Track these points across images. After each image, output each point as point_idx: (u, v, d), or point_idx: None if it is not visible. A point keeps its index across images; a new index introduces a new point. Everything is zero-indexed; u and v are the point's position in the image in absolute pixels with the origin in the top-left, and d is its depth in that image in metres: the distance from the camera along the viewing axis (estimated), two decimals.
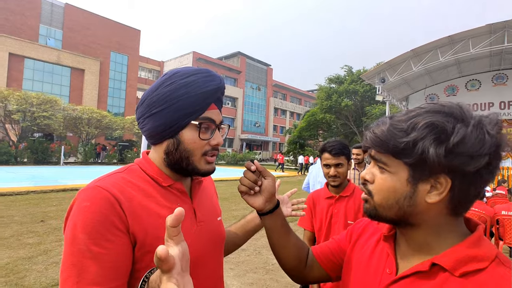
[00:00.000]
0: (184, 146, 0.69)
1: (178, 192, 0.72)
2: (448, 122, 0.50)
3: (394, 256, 0.61)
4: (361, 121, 26.10)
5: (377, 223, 0.69)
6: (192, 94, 0.68)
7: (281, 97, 54.78)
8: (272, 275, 3.71)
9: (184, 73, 0.69)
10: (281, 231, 0.77)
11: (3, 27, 26.61)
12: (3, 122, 19.15)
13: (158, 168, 0.72)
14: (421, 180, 0.53)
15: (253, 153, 37.09)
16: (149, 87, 0.72)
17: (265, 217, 0.76)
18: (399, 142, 0.52)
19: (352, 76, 26.71)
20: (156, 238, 0.63)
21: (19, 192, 8.40)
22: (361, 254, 0.69)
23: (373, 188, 0.59)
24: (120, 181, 0.65)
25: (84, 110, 22.33)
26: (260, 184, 0.74)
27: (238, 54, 47.00)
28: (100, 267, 0.55)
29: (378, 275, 0.61)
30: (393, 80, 13.14)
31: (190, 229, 0.71)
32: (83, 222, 0.57)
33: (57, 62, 29.44)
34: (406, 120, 0.53)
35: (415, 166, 0.52)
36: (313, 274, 0.78)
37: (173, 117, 0.67)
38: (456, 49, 10.97)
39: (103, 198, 0.59)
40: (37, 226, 5.34)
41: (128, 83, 35.40)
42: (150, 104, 0.69)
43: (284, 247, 0.77)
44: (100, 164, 22.01)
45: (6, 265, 3.61)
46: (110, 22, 34.14)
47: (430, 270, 0.53)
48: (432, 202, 0.52)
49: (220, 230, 0.83)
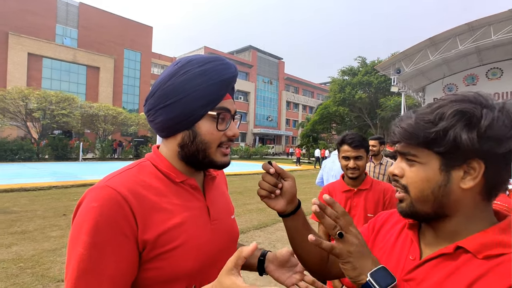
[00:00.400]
0: (201, 138, 0.66)
1: (191, 188, 0.69)
2: (476, 108, 0.52)
3: (418, 243, 0.62)
4: (375, 114, 25.56)
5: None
6: (210, 83, 0.64)
7: (293, 90, 54.31)
8: None
9: (199, 61, 0.65)
10: (303, 231, 0.76)
11: (22, 28, 27.43)
12: (24, 120, 19.88)
13: (169, 163, 0.69)
14: (454, 167, 0.54)
15: (266, 147, 37.08)
16: (160, 76, 0.66)
17: (287, 219, 0.75)
18: (429, 132, 0.54)
19: (366, 68, 26.08)
20: (168, 239, 0.61)
21: (42, 188, 8.75)
22: (384, 243, 0.69)
23: (406, 182, 0.59)
24: (131, 179, 0.62)
25: (100, 107, 22.89)
26: (280, 186, 0.72)
27: (250, 48, 46.76)
28: (100, 274, 0.53)
29: (401, 262, 0.61)
30: (409, 71, 12.78)
31: (204, 228, 0.69)
32: (88, 223, 0.54)
33: (74, 60, 30.20)
34: (431, 112, 0.55)
35: (446, 154, 0.54)
36: (336, 269, 0.77)
37: (190, 108, 0.63)
38: (476, 37, 10.52)
39: (111, 200, 0.56)
40: (60, 220, 5.56)
41: (141, 79, 35.94)
42: (163, 95, 0.64)
43: (306, 247, 0.76)
44: (117, 159, 22.57)
45: (32, 257, 3.79)
46: (122, 20, 34.61)
47: (454, 252, 0.55)
48: (467, 188, 0.54)
49: (234, 228, 0.80)
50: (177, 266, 0.61)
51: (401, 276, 0.59)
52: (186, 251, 0.62)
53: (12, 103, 18.71)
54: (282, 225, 5.71)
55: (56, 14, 29.96)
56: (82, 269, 0.53)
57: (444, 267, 0.55)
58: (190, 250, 0.63)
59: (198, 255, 0.65)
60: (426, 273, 0.56)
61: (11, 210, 6.15)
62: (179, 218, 0.64)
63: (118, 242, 0.55)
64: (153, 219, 0.60)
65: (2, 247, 4.06)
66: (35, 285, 3.06)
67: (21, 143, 17.98)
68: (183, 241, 0.62)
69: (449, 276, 0.53)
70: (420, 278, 0.57)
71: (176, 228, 0.62)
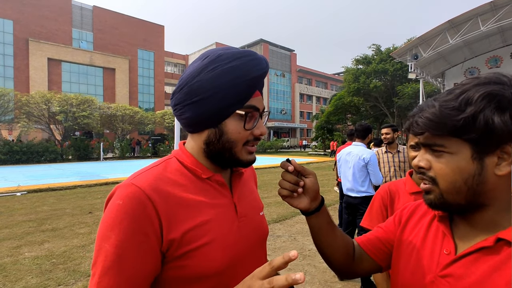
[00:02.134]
0: (228, 136, 0.63)
1: (217, 184, 0.67)
2: (504, 89, 0.49)
3: (452, 236, 0.58)
4: (392, 102, 24.87)
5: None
6: (238, 81, 0.61)
7: (306, 82, 53.66)
8: (310, 261, 3.75)
9: (229, 56, 0.62)
10: (327, 228, 0.74)
11: (40, 34, 28.43)
12: (48, 123, 20.74)
13: (195, 159, 0.67)
14: (487, 153, 0.51)
15: (281, 141, 36.98)
16: (188, 71, 0.64)
17: (311, 217, 0.72)
18: (457, 119, 0.50)
19: (381, 55, 25.32)
20: (194, 237, 0.60)
21: (68, 187, 9.14)
22: (413, 237, 0.66)
23: (435, 174, 0.55)
24: (156, 177, 0.61)
25: (117, 107, 23.53)
26: (302, 184, 0.68)
27: (261, 42, 46.45)
28: (120, 272, 0.54)
29: (435, 257, 0.59)
30: (427, 56, 12.32)
31: (232, 225, 0.66)
32: (114, 221, 0.55)
33: (90, 63, 31.09)
34: (455, 98, 0.52)
35: (477, 141, 0.51)
36: (362, 267, 0.75)
37: (217, 106, 0.61)
38: (500, 16, 9.98)
39: (135, 198, 0.56)
40: (86, 217, 5.80)
41: (155, 78, 36.55)
42: (190, 91, 0.62)
43: (332, 245, 0.74)
44: (136, 158, 23.18)
45: (64, 253, 3.98)
46: (134, 20, 35.18)
47: (495, 245, 0.51)
48: (503, 174, 0.51)
49: (263, 225, 0.77)
50: (203, 264, 0.60)
51: (437, 271, 0.57)
52: (213, 249, 0.61)
53: (36, 107, 19.55)
54: (301, 218, 5.73)
55: (71, 18, 30.84)
56: (107, 266, 0.54)
57: (486, 261, 0.51)
58: (217, 248, 0.62)
59: (225, 253, 0.63)
60: (465, 268, 0.53)
61: (41, 209, 6.47)
62: (205, 215, 0.62)
63: (138, 241, 0.55)
64: (178, 217, 0.59)
65: (35, 244, 4.30)
66: (67, 280, 3.22)
67: (46, 145, 18.78)
68: (210, 239, 0.61)
69: (494, 271, 0.50)
70: (458, 273, 0.54)
71: (203, 226, 0.61)
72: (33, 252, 4.02)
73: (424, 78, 13.88)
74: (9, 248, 4.13)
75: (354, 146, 3.36)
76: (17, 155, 17.37)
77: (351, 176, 3.26)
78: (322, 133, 30.20)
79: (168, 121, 25.49)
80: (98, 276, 0.54)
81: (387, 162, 3.55)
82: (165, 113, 26.44)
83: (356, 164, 3.21)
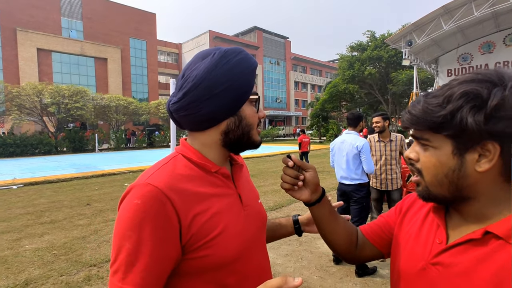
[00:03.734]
0: (246, 121, 0.71)
1: (223, 177, 0.72)
2: (483, 88, 0.50)
3: (445, 227, 0.61)
4: (387, 89, 24.92)
5: None
6: (247, 71, 0.70)
7: (301, 70, 53.30)
8: (306, 247, 3.87)
9: (232, 52, 0.70)
10: (330, 218, 0.79)
11: (28, 23, 27.62)
12: (40, 115, 20.44)
13: (202, 154, 0.72)
14: (467, 150, 0.52)
15: (277, 129, 37.01)
16: (202, 69, 0.68)
17: (313, 208, 0.78)
18: (436, 116, 0.53)
19: (376, 42, 25.15)
20: (209, 228, 0.64)
21: (64, 179, 9.15)
22: (410, 226, 0.69)
23: (421, 167, 0.58)
24: (169, 175, 0.65)
25: (111, 98, 23.20)
26: (302, 178, 0.75)
27: (255, 29, 45.75)
28: (143, 268, 0.57)
29: (428, 246, 0.61)
30: (421, 42, 12.32)
31: (239, 215, 0.72)
32: (133, 220, 0.58)
33: (81, 53, 30.41)
34: (440, 95, 0.54)
35: (457, 138, 0.52)
36: (365, 253, 0.80)
37: (236, 93, 0.68)
38: (493, 1, 9.97)
39: (154, 197, 0.59)
40: (84, 209, 5.85)
41: (148, 68, 35.97)
42: (210, 85, 0.66)
43: (334, 233, 0.79)
44: (131, 149, 23.11)
45: (64, 244, 4.05)
46: (125, 8, 34.28)
47: (482, 237, 0.53)
48: (483, 171, 0.52)
49: (262, 212, 0.84)
50: (220, 253, 0.65)
51: (428, 259, 0.59)
52: (227, 238, 0.66)
53: (27, 99, 19.21)
54: (297, 205, 5.84)
55: (60, 6, 29.92)
56: (130, 263, 0.57)
57: (473, 253, 0.53)
58: (230, 236, 0.67)
59: (237, 241, 0.68)
60: (454, 257, 0.55)
61: (38, 201, 6.50)
62: (216, 207, 0.67)
63: (159, 238, 0.59)
64: (194, 211, 0.64)
65: (36, 237, 4.35)
66: (70, 270, 3.30)
67: (40, 138, 18.59)
68: (222, 228, 0.66)
69: (480, 263, 0.52)
70: (447, 262, 0.56)
71: (215, 216, 0.66)
72: (33, 244, 4.08)
73: (418, 64, 13.92)
74: (9, 241, 4.18)
75: (347, 135, 3.41)
76: (10, 148, 17.19)
77: (345, 164, 3.34)
78: (317, 121, 30.28)
79: (162, 111, 25.27)
80: (122, 272, 0.57)
81: (379, 151, 3.61)
82: (160, 103, 26.15)
83: (349, 152, 3.27)
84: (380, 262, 3.41)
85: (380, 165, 3.58)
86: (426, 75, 19.96)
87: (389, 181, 3.55)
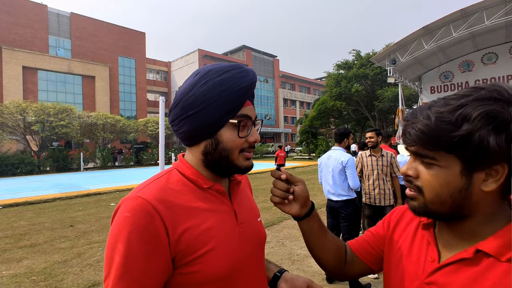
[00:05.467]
0: (223, 145, 0.67)
1: (217, 193, 0.70)
2: (504, 108, 0.48)
3: (435, 244, 0.59)
4: (373, 105, 25.57)
5: None
6: (228, 92, 0.65)
7: (289, 87, 54.29)
8: (298, 265, 3.76)
9: (218, 70, 0.67)
10: (318, 232, 0.77)
11: (15, 41, 27.39)
12: (23, 134, 19.87)
13: (196, 170, 0.70)
14: (477, 170, 0.50)
15: (266, 146, 37.10)
16: (182, 87, 0.68)
17: (302, 222, 0.76)
18: (452, 136, 0.49)
19: (361, 60, 26.07)
20: (199, 244, 0.62)
21: (47, 200, 8.77)
22: (401, 243, 0.67)
23: (422, 184, 0.55)
24: (160, 189, 0.64)
25: (98, 116, 22.88)
26: (292, 191, 0.73)
27: (243, 48, 46.73)
28: (132, 282, 0.56)
29: (420, 264, 0.60)
30: (404, 61, 12.79)
31: (233, 232, 0.69)
32: (123, 233, 0.57)
33: (69, 71, 30.17)
34: (452, 111, 0.50)
35: (469, 158, 0.50)
36: (354, 270, 0.78)
37: (211, 117, 0.65)
38: (470, 22, 10.54)
39: (142, 210, 0.58)
40: (67, 231, 5.57)
41: (137, 86, 35.91)
42: (185, 106, 0.66)
43: (323, 248, 0.77)
44: (118, 167, 22.57)
45: (44, 269, 3.81)
46: (115, 27, 34.55)
47: (474, 256, 0.52)
48: (489, 190, 0.51)
49: (261, 230, 0.81)
50: (208, 270, 0.62)
51: (422, 278, 0.58)
52: (217, 255, 0.64)
53: (10, 117, 18.70)
54: (289, 223, 5.75)
55: (47, 25, 29.90)
56: (118, 276, 0.56)
57: (467, 272, 0.52)
58: (220, 254, 0.64)
59: (229, 259, 0.65)
60: (447, 277, 0.54)
61: (18, 224, 6.17)
62: (208, 223, 0.65)
63: (149, 251, 0.58)
64: (184, 226, 0.62)
65: (13, 262, 4.09)
66: None
67: (22, 157, 17.97)
68: (213, 245, 0.63)
69: (474, 282, 0.51)
70: (441, 282, 0.54)
71: (206, 233, 0.64)
72: (11, 270, 3.82)
73: (403, 82, 14.38)
74: None
75: (333, 151, 3.44)
76: None
77: (331, 180, 3.33)
78: (307, 137, 30.55)
79: (151, 128, 25.01)
80: (112, 285, 0.56)
81: (371, 165, 3.63)
82: (148, 120, 25.90)
83: (335, 168, 3.29)
84: (374, 279, 3.33)
85: (373, 179, 3.58)
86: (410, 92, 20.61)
87: (382, 196, 3.53)
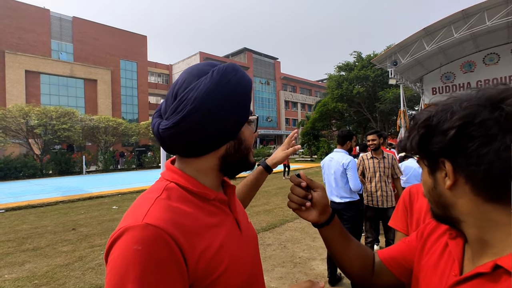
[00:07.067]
0: (245, 144, 0.66)
1: (220, 203, 0.66)
2: (421, 113, 0.56)
3: (461, 257, 0.58)
4: (374, 107, 25.51)
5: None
6: (246, 90, 0.64)
7: (290, 89, 54.34)
8: (301, 268, 3.74)
9: (231, 70, 0.63)
10: (340, 240, 0.74)
11: (18, 46, 27.59)
12: (26, 138, 19.95)
13: (197, 181, 0.64)
14: (435, 169, 0.55)
15: (268, 148, 37.06)
16: (201, 90, 0.60)
17: (322, 229, 0.74)
18: (404, 141, 0.60)
19: (362, 62, 26.05)
20: (216, 265, 0.58)
21: (49, 203, 8.79)
22: (430, 255, 0.66)
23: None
24: (168, 210, 0.57)
25: (100, 119, 22.95)
26: (310, 197, 0.71)
27: (245, 50, 46.88)
28: None
29: (444, 277, 0.58)
30: (405, 62, 12.78)
31: (239, 241, 0.67)
32: (135, 270, 0.48)
33: (71, 75, 30.32)
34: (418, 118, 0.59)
35: (422, 158, 0.57)
36: (382, 281, 0.74)
37: (238, 115, 0.63)
38: (471, 23, 10.52)
39: (158, 241, 0.51)
40: (69, 234, 5.58)
41: (139, 89, 36.03)
42: (211, 108, 0.59)
43: (346, 256, 0.75)
44: (120, 170, 22.61)
45: (46, 273, 3.81)
46: (116, 31, 34.75)
47: (492, 272, 0.48)
48: (448, 187, 0.53)
49: (254, 230, 0.80)
50: (230, 286, 0.60)
51: None
52: (233, 272, 0.61)
53: (13, 121, 18.78)
54: (290, 225, 5.74)
55: (50, 29, 30.10)
56: None
57: (484, 287, 0.49)
58: (235, 270, 0.62)
59: (243, 269, 0.64)
60: None
61: (21, 227, 6.19)
62: (218, 240, 0.61)
63: (168, 284, 0.51)
64: (199, 250, 0.57)
65: (16, 265, 4.09)
66: None
67: (25, 160, 18.03)
68: (227, 263, 0.60)
69: None
70: None
71: (219, 252, 0.60)
72: (13, 273, 3.82)
73: (404, 83, 14.36)
74: None
75: (335, 153, 3.44)
76: None
77: (333, 182, 3.34)
78: (308, 139, 30.50)
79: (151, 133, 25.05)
80: None
81: (373, 167, 3.62)
82: (150, 123, 25.93)
83: (336, 170, 3.29)
84: None
85: (375, 182, 3.56)
86: (412, 93, 20.58)
87: (384, 198, 3.52)
